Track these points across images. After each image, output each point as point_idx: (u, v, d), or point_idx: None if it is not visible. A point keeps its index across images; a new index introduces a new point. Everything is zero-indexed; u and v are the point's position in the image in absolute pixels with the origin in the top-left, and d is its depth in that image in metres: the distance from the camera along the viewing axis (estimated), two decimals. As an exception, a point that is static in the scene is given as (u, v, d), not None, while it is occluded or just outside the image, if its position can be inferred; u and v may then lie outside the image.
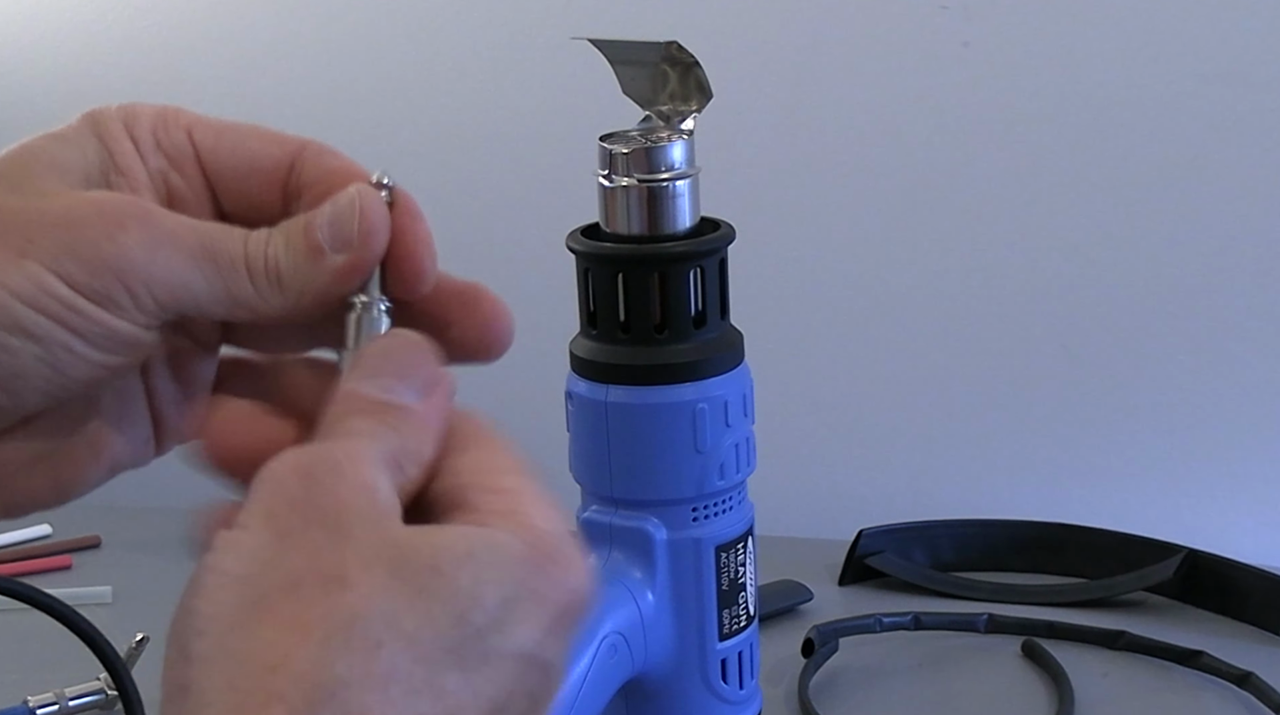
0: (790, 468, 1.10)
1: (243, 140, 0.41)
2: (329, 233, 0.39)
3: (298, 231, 0.40)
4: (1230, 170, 1.00)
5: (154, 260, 0.38)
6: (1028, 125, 1.03)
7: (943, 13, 1.02)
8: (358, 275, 0.40)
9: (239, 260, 0.39)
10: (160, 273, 0.38)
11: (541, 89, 1.12)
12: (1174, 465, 1.05)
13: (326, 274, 0.39)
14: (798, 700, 0.81)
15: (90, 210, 0.38)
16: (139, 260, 0.38)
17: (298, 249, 0.39)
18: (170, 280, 0.38)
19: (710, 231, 0.59)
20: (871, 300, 1.09)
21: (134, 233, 0.38)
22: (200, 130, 0.41)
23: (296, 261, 0.39)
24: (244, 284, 0.39)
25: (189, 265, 0.38)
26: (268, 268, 0.39)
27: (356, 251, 0.39)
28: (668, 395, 0.58)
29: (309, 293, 0.40)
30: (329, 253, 0.39)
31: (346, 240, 0.39)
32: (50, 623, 0.96)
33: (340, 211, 0.40)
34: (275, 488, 0.35)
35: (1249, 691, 0.80)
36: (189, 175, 0.41)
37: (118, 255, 0.37)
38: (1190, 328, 1.03)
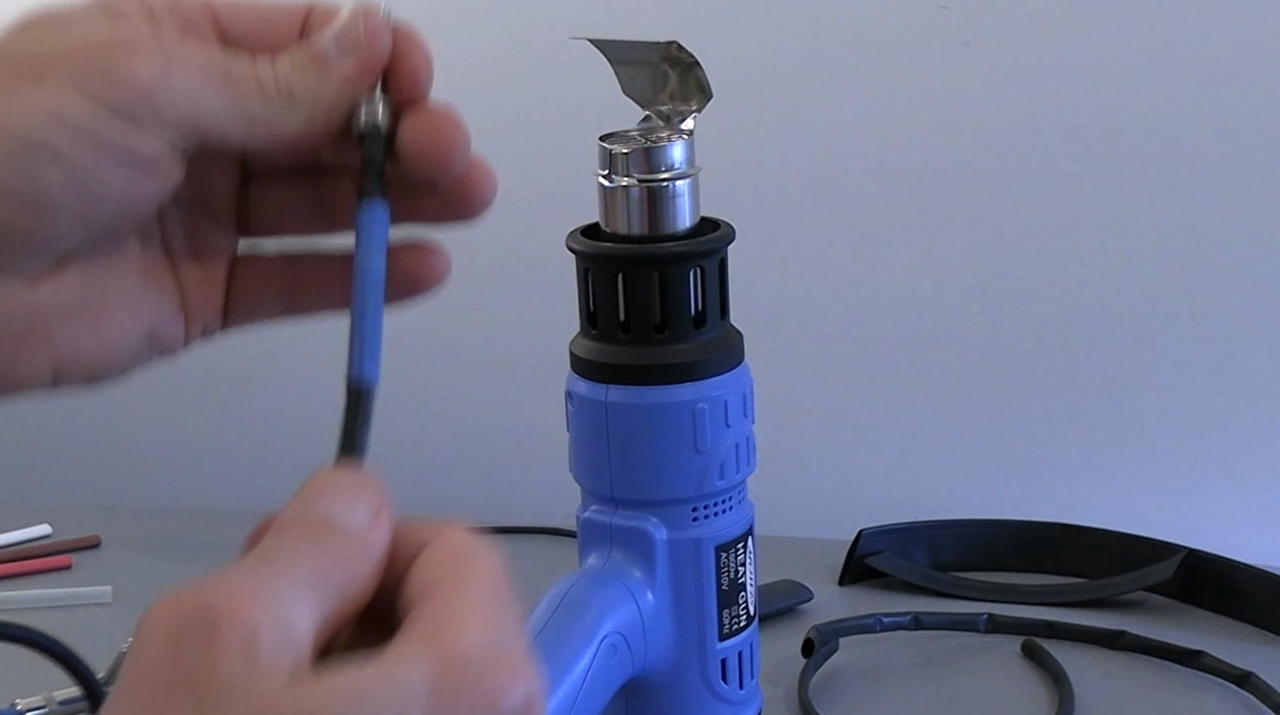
0: (790, 468, 1.10)
1: (259, 11, 0.42)
2: (335, 42, 0.41)
3: (303, 49, 0.41)
4: (1230, 170, 1.00)
5: (169, 77, 0.39)
6: (1028, 125, 1.03)
7: (943, 13, 1.02)
8: (366, 78, 0.41)
9: (249, 78, 0.40)
10: (178, 89, 0.39)
11: (541, 89, 1.12)
12: (1174, 465, 1.05)
13: (335, 80, 0.41)
14: (798, 700, 0.81)
15: (103, 39, 0.39)
16: (156, 76, 0.38)
17: (305, 64, 0.41)
18: (187, 96, 0.39)
19: (710, 231, 0.59)
20: (871, 300, 1.09)
21: (147, 56, 0.39)
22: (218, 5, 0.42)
23: (305, 75, 0.41)
24: (257, 101, 0.40)
25: (204, 83, 0.39)
26: (278, 83, 0.41)
27: (363, 54, 0.41)
28: (668, 395, 0.58)
29: (321, 104, 0.41)
30: (336, 60, 0.41)
31: (353, 44, 0.41)
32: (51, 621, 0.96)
33: (343, 22, 0.41)
34: (145, 648, 0.32)
35: (1249, 691, 0.80)
36: (203, 34, 0.42)
37: (134, 74, 0.38)
38: (1190, 328, 1.03)
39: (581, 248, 0.59)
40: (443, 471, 1.22)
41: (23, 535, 1.09)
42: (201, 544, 1.07)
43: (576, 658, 0.56)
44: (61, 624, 0.96)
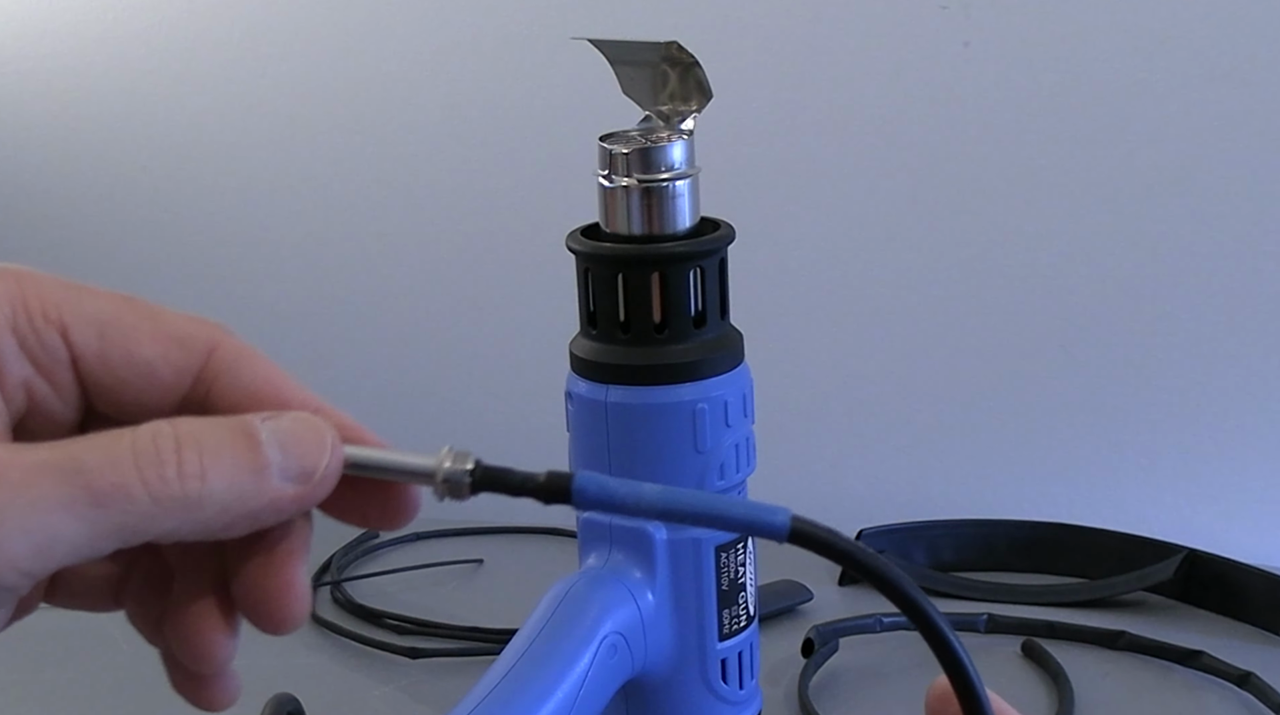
0: (790, 468, 1.10)
1: (134, 343, 0.34)
2: (281, 458, 0.34)
3: (235, 436, 0.33)
4: (1231, 170, 1.00)
5: (13, 541, 0.30)
6: (1028, 125, 1.03)
7: (943, 13, 1.02)
8: (300, 509, 0.35)
9: (128, 467, 0.31)
10: (26, 549, 0.31)
11: (541, 89, 1.12)
12: (1174, 465, 1.05)
13: (265, 500, 0.33)
14: (798, 700, 0.81)
15: None
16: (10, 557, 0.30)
17: (236, 453, 0.33)
18: (41, 543, 0.31)
19: (710, 231, 0.59)
20: (871, 300, 1.09)
21: None
22: (78, 330, 0.34)
23: (231, 466, 0.33)
24: (146, 507, 0.32)
25: (65, 518, 0.31)
26: (183, 460, 0.32)
27: (312, 489, 0.35)
28: (668, 395, 0.58)
29: (241, 515, 0.33)
30: (275, 476, 0.34)
31: (304, 472, 0.34)
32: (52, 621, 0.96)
33: (300, 439, 0.34)
34: None
35: (1249, 691, 0.80)
36: (60, 382, 0.34)
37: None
38: (1190, 328, 1.03)
39: (581, 248, 0.59)
40: (443, 471, 1.21)
41: (23, 535, 1.09)
42: (201, 544, 1.07)
43: (576, 658, 0.56)
44: (61, 624, 0.96)
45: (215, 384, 0.35)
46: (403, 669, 0.88)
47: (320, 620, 0.94)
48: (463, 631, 0.91)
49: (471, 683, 0.56)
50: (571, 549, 0.64)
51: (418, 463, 0.37)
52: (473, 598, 0.98)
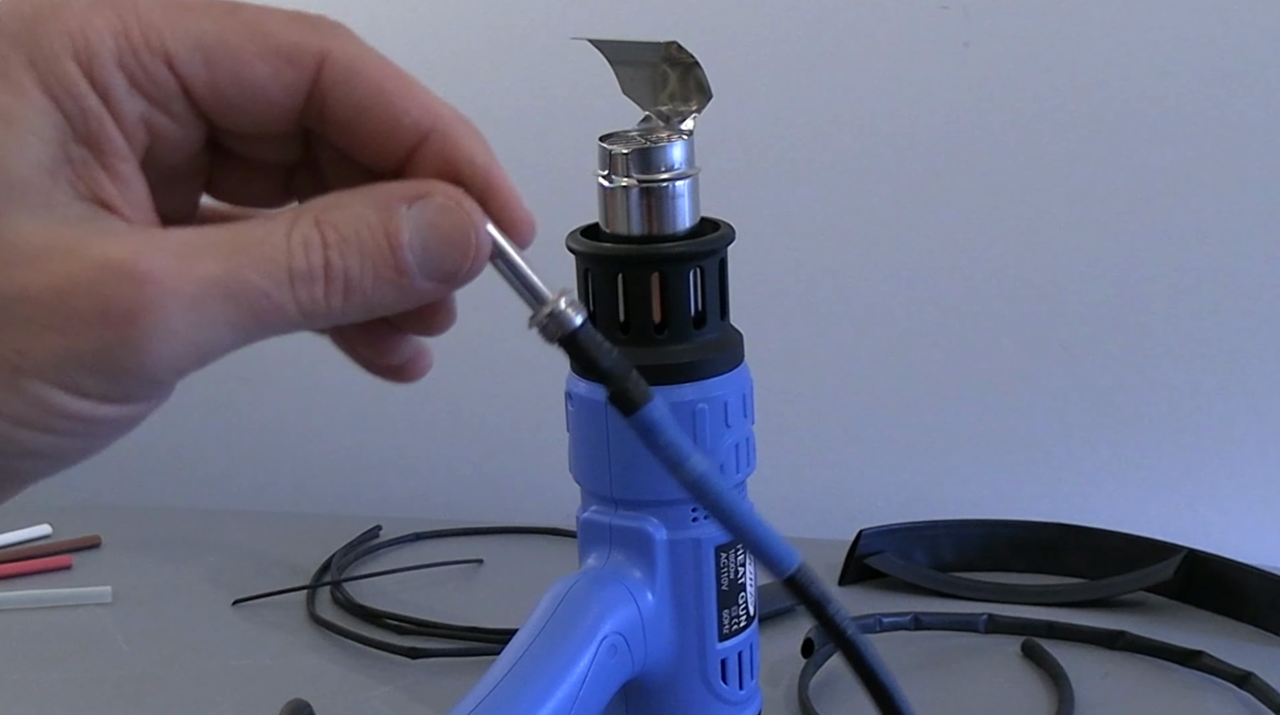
0: (790, 468, 1.10)
1: (241, 65, 0.33)
2: (423, 259, 0.35)
3: (378, 241, 0.34)
4: (1230, 170, 1.00)
5: (178, 350, 0.32)
6: (1028, 125, 1.03)
7: (943, 13, 1.02)
8: (442, 295, 0.36)
9: (284, 288, 0.33)
10: (190, 356, 0.32)
11: (541, 89, 1.12)
12: (1174, 465, 1.05)
13: (409, 296, 0.35)
14: (798, 700, 0.81)
15: (89, 305, 0.31)
16: (162, 360, 0.32)
17: (378, 263, 0.34)
18: (203, 352, 0.33)
19: (710, 231, 0.59)
20: (871, 300, 1.09)
21: (149, 330, 0.31)
22: (184, 57, 0.33)
23: (374, 277, 0.34)
24: (296, 321, 0.33)
25: (225, 331, 0.33)
26: (331, 277, 0.33)
27: (454, 285, 0.36)
28: (667, 395, 0.58)
29: (380, 309, 0.35)
30: (419, 280, 0.35)
31: (448, 274, 0.35)
32: (52, 621, 0.96)
33: (445, 238, 0.35)
34: None
35: (1249, 691, 0.80)
36: (175, 112, 0.34)
37: (136, 361, 0.32)
38: (1190, 328, 1.03)
39: (581, 248, 0.59)
40: (443, 471, 1.22)
41: (23, 535, 1.09)
42: (201, 544, 1.07)
43: (576, 658, 0.56)
44: (62, 624, 0.96)
45: (329, 99, 0.34)
46: (403, 669, 0.88)
47: (320, 620, 0.94)
48: (463, 631, 0.91)
49: (471, 683, 0.56)
50: (571, 549, 0.64)
51: (539, 287, 0.38)
52: (473, 598, 0.98)
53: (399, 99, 0.35)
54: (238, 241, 0.33)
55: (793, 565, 0.41)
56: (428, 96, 0.35)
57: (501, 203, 0.36)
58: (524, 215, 0.37)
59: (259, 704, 0.84)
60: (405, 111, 0.35)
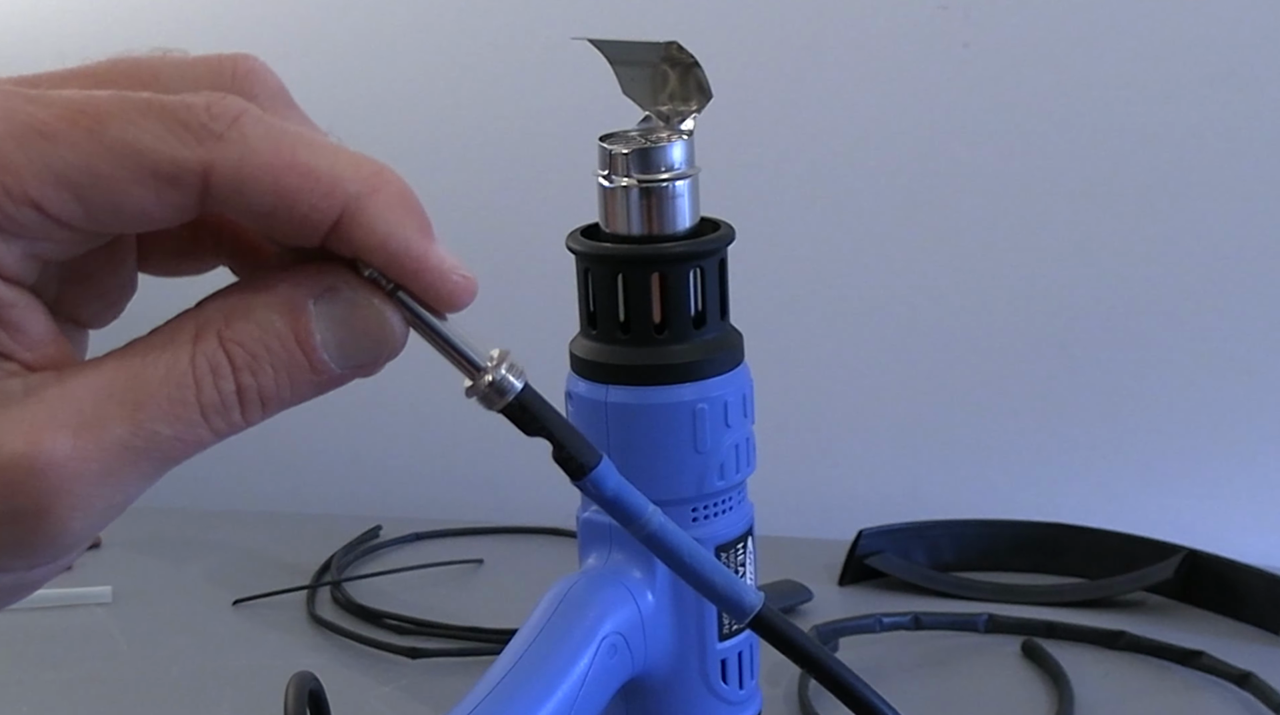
0: (790, 468, 1.10)
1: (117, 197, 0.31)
2: (338, 354, 0.34)
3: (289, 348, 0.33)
4: (1230, 171, 1.00)
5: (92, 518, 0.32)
6: (1027, 126, 1.03)
7: (943, 13, 1.02)
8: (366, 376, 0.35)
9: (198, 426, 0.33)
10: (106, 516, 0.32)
11: (541, 89, 1.12)
12: (1174, 465, 1.05)
13: (330, 385, 0.34)
14: (798, 700, 0.81)
15: None
16: (77, 532, 0.32)
17: (293, 370, 0.33)
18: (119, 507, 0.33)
19: (710, 231, 0.59)
20: (871, 300, 1.09)
21: (60, 515, 0.31)
22: (52, 200, 0.31)
23: (290, 384, 0.33)
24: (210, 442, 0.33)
25: (140, 483, 0.33)
26: (245, 400, 0.33)
27: (371, 370, 0.35)
28: (668, 395, 0.58)
29: (303, 401, 0.34)
30: (334, 370, 0.34)
31: (363, 364, 0.34)
32: (52, 621, 0.96)
33: (357, 333, 0.34)
34: None
35: (1249, 691, 0.80)
36: (61, 239, 0.32)
37: (50, 541, 0.32)
38: (1189, 328, 1.03)
39: (581, 248, 0.59)
40: (443, 471, 1.22)
41: (23, 535, 1.09)
42: (201, 544, 1.07)
43: (576, 658, 0.56)
44: (61, 624, 0.96)
45: (225, 204, 0.32)
46: (403, 669, 0.88)
47: (320, 620, 0.94)
48: (463, 631, 0.91)
49: (471, 683, 0.56)
50: (571, 549, 0.64)
51: (473, 356, 0.37)
52: (473, 598, 0.98)
53: (302, 195, 0.32)
54: (139, 386, 0.32)
55: (756, 606, 0.41)
56: (335, 178, 0.32)
57: (425, 279, 0.34)
58: (451, 287, 0.35)
59: (259, 704, 0.84)
60: (311, 206, 0.32)
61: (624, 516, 0.39)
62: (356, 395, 1.30)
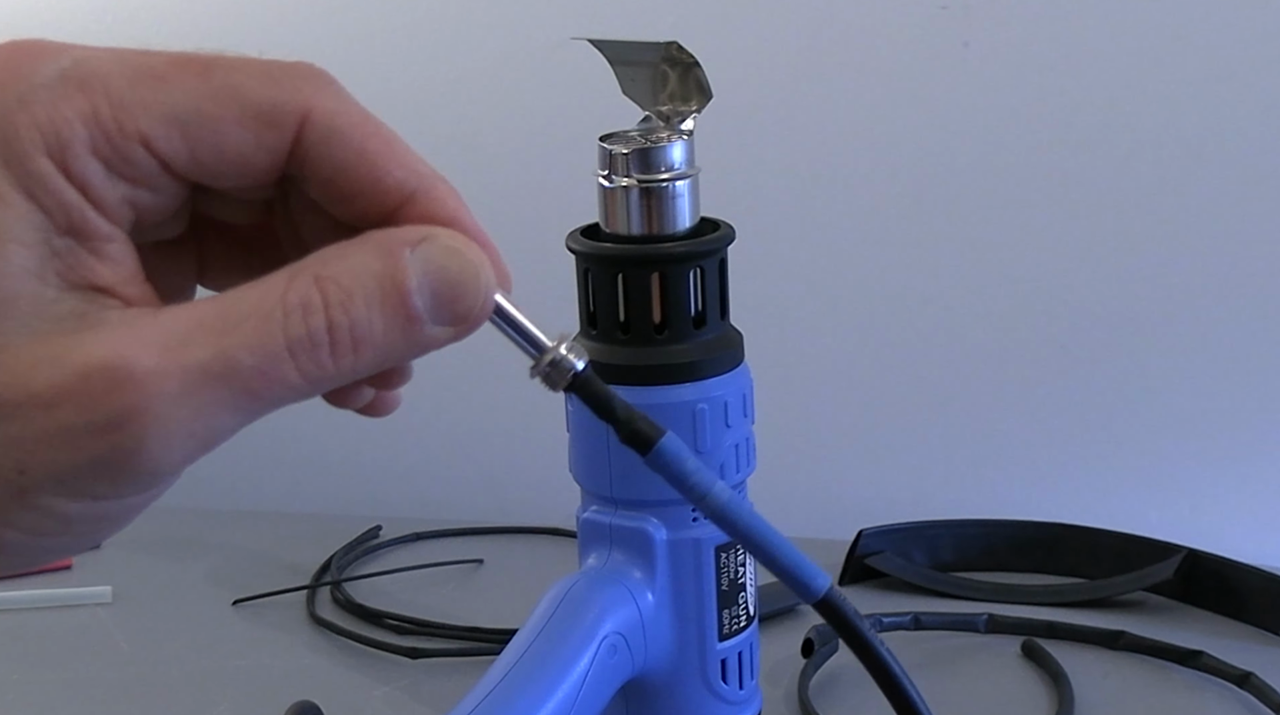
0: (790, 468, 1.10)
1: (221, 137, 0.32)
2: (432, 304, 0.33)
3: (385, 289, 0.33)
4: (1230, 171, 1.00)
5: (175, 446, 0.31)
6: (1028, 125, 1.03)
7: (943, 13, 1.02)
8: (449, 343, 0.34)
9: (283, 362, 0.32)
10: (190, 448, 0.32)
11: (541, 89, 1.12)
12: (1174, 465, 1.05)
13: (418, 345, 0.34)
14: (798, 700, 0.81)
15: (77, 417, 0.30)
16: (159, 459, 0.31)
17: (387, 313, 0.33)
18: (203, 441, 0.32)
19: (710, 231, 0.59)
20: (871, 300, 1.09)
21: (140, 434, 0.31)
22: (160, 136, 0.32)
23: (384, 329, 0.33)
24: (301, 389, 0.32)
25: (225, 416, 0.32)
26: (336, 339, 0.32)
27: (461, 329, 0.34)
28: (668, 395, 0.58)
29: (389, 363, 0.33)
30: (427, 324, 0.33)
31: (457, 317, 0.34)
32: (52, 621, 0.96)
33: (453, 281, 0.34)
34: None
35: (1249, 691, 0.80)
36: (157, 186, 0.33)
37: (133, 465, 0.31)
38: (1189, 328, 1.03)
39: (581, 248, 0.59)
40: (443, 471, 1.22)
41: (23, 535, 1.09)
42: (201, 544, 1.07)
43: (576, 658, 0.56)
44: (61, 624, 0.96)
45: (310, 157, 0.33)
46: (403, 669, 0.88)
47: (320, 620, 0.94)
48: (463, 631, 0.91)
49: (471, 683, 0.56)
50: (571, 549, 0.64)
51: (538, 335, 0.37)
52: (473, 598, 0.98)
53: (382, 160, 0.34)
54: (227, 318, 0.32)
55: (824, 587, 0.41)
56: (410, 157, 0.34)
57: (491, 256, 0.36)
58: (506, 271, 0.36)
59: (259, 704, 0.84)
60: (388, 173, 0.34)
61: (692, 492, 0.39)
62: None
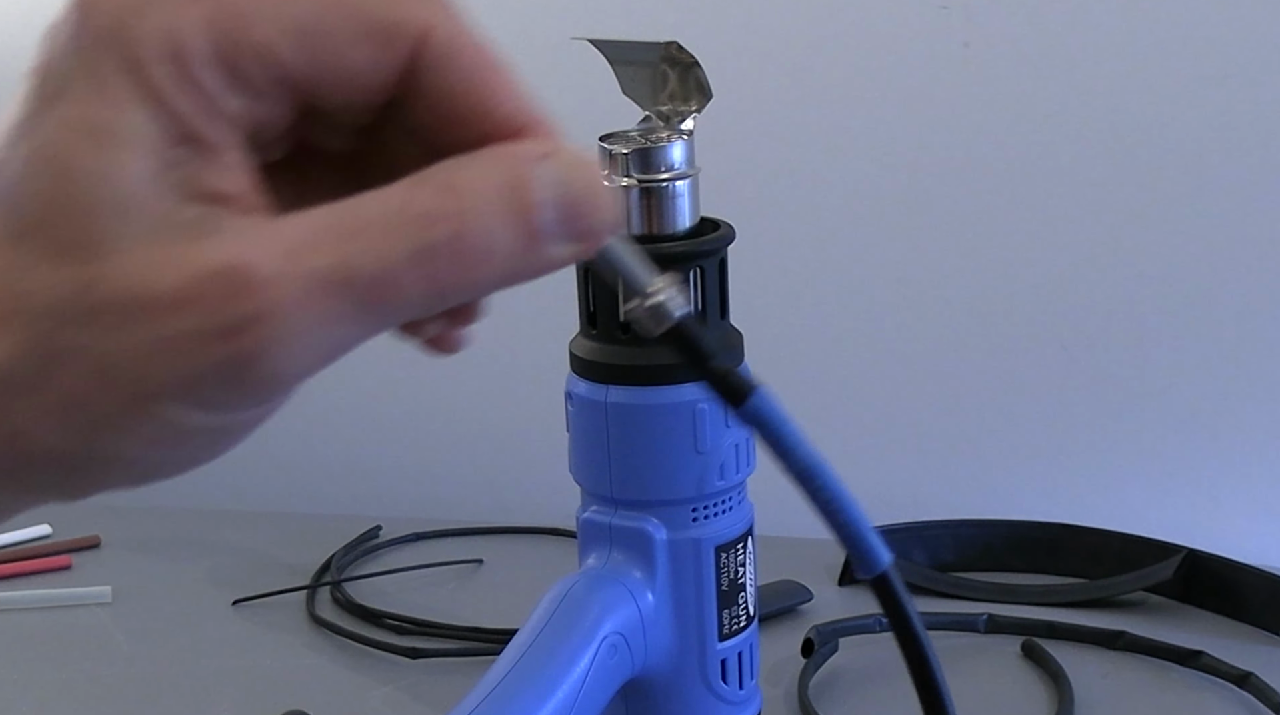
0: (790, 468, 1.10)
1: (341, 49, 0.32)
2: (555, 220, 0.32)
3: (509, 201, 0.31)
4: (1230, 170, 1.00)
5: (298, 353, 0.30)
6: (1028, 125, 1.03)
7: (943, 13, 1.02)
8: (568, 262, 0.33)
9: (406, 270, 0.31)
10: (312, 357, 0.31)
11: (541, 89, 1.12)
12: (1174, 465, 1.05)
13: (538, 264, 0.32)
14: (798, 700, 0.81)
15: (200, 321, 0.29)
16: (282, 366, 0.30)
17: (512, 227, 0.31)
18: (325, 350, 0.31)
19: (710, 231, 0.59)
20: (871, 300, 1.09)
21: (263, 338, 0.30)
22: (284, 47, 0.31)
23: (508, 243, 0.31)
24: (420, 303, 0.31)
25: (347, 326, 0.31)
26: (459, 249, 0.31)
27: (583, 247, 0.33)
28: (668, 395, 0.58)
29: (509, 281, 0.32)
30: (549, 242, 0.32)
31: (579, 234, 0.33)
32: (51, 621, 0.96)
33: (577, 197, 0.32)
34: None
35: (1249, 691, 0.80)
36: (273, 100, 0.32)
37: (255, 371, 0.30)
38: (1190, 327, 1.03)
39: (581, 248, 0.59)
40: (443, 471, 1.22)
41: (23, 535, 1.09)
42: (201, 544, 1.07)
43: (576, 658, 0.56)
44: (61, 624, 0.96)
45: (423, 79, 0.33)
46: (403, 669, 0.88)
47: (320, 620, 0.94)
48: (463, 631, 0.91)
49: (471, 683, 0.56)
50: (571, 549, 0.64)
51: (644, 274, 0.35)
52: (473, 598, 0.98)
53: (495, 90, 0.33)
54: (349, 224, 0.31)
55: (885, 564, 0.40)
56: (523, 91, 0.34)
57: None
58: None
59: (259, 704, 0.84)
60: (500, 103, 0.33)
61: (781, 447, 0.39)
62: (356, 395, 1.31)
